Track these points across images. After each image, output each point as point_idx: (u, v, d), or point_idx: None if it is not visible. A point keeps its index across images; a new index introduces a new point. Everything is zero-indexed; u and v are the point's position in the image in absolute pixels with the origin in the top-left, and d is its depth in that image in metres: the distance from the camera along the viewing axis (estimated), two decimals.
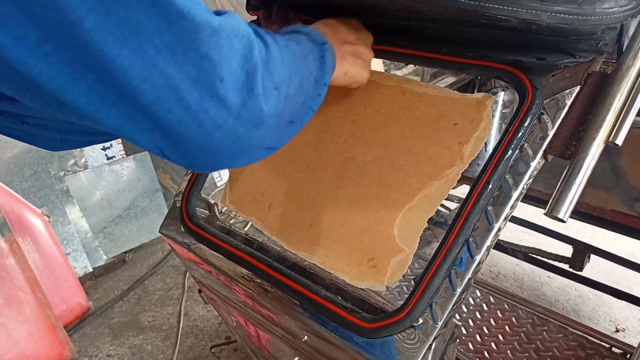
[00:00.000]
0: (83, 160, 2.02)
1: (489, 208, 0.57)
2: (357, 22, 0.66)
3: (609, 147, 0.56)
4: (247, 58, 0.39)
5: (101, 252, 2.04)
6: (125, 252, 2.12)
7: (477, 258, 0.56)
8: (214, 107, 0.37)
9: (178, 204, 0.79)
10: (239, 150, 0.41)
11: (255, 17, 0.84)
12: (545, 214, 0.55)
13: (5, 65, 0.32)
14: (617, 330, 1.50)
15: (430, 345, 0.55)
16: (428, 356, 0.56)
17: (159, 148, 0.38)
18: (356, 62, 0.62)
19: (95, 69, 0.32)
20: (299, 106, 0.49)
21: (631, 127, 0.54)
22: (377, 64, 1.69)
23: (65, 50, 0.31)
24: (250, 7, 0.82)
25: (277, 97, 0.42)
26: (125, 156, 2.10)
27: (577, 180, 0.55)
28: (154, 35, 0.33)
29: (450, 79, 0.93)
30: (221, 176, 2.17)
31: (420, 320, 0.55)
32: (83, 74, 0.32)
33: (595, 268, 1.44)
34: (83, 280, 1.94)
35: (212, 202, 0.81)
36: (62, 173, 1.96)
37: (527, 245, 1.47)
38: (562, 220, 0.55)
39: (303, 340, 0.68)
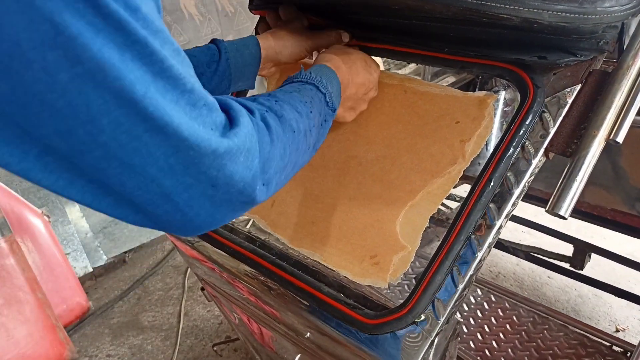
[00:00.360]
0: None
1: (491, 205, 0.57)
2: (374, 64, 0.67)
3: (610, 146, 0.56)
4: (247, 168, 0.39)
5: (101, 252, 2.04)
6: (125, 252, 2.12)
7: (479, 255, 0.56)
8: (204, 211, 0.37)
9: None
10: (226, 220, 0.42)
11: (257, 19, 0.85)
12: (546, 211, 0.56)
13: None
14: (617, 330, 1.51)
15: (433, 341, 0.55)
16: (430, 352, 0.56)
17: (140, 224, 0.39)
18: (350, 112, 0.65)
19: (95, 179, 0.34)
20: (299, 157, 0.49)
21: (631, 127, 0.55)
22: (379, 63, 1.69)
23: (66, 167, 0.33)
24: (252, 7, 0.83)
25: (276, 184, 0.44)
26: None
27: (579, 178, 0.55)
28: (159, 158, 0.33)
29: (451, 79, 0.93)
30: None
31: (423, 317, 0.56)
32: (78, 178, 0.34)
33: (595, 268, 1.44)
34: (83, 280, 1.93)
35: None
36: None
37: (527, 244, 1.48)
38: (563, 217, 0.55)
39: (306, 337, 0.68)
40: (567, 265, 1.40)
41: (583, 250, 1.34)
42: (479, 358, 1.05)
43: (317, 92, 0.53)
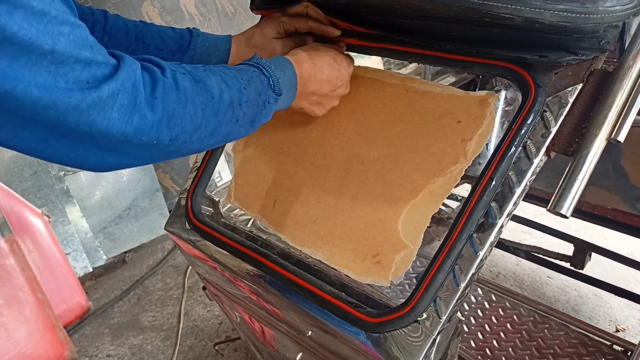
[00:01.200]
0: None
1: (492, 204, 0.57)
2: (345, 62, 0.68)
3: (610, 146, 0.57)
4: (127, 123, 0.41)
5: (101, 252, 2.03)
6: (125, 252, 2.12)
7: (481, 254, 0.57)
8: (97, 160, 0.42)
9: (183, 202, 0.79)
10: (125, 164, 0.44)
11: (257, 19, 0.85)
12: (548, 210, 0.56)
13: None
14: (617, 330, 1.51)
15: (434, 339, 0.56)
16: (432, 351, 0.56)
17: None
18: (317, 106, 0.66)
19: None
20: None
21: (632, 127, 0.55)
22: (378, 63, 1.70)
23: None
24: (254, 7, 0.83)
25: (187, 143, 0.46)
26: None
27: (580, 177, 0.55)
28: (28, 126, 0.36)
29: (452, 78, 0.93)
30: (221, 176, 2.17)
31: (424, 315, 0.56)
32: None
33: (595, 268, 1.44)
34: (83, 280, 1.93)
35: (217, 199, 0.81)
36: (62, 173, 1.96)
37: (528, 244, 1.48)
38: (564, 216, 0.56)
39: (307, 335, 0.68)
40: (567, 265, 1.40)
41: (583, 249, 1.34)
42: (479, 357, 1.05)
43: (259, 74, 0.56)
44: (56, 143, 0.39)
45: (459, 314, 0.59)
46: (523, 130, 0.58)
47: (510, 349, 1.08)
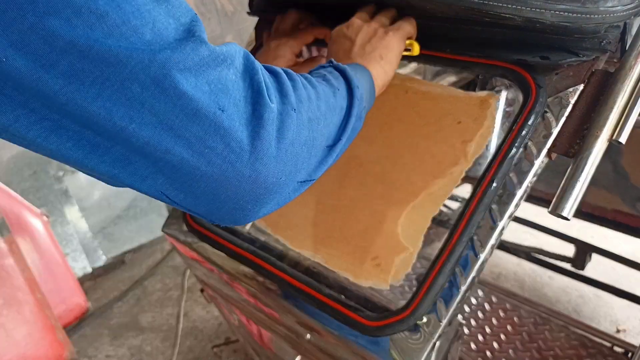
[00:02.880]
0: None
1: (493, 206, 0.57)
2: (358, 20, 0.61)
3: (611, 147, 0.56)
4: (249, 87, 0.35)
5: (100, 252, 2.03)
6: (125, 253, 2.12)
7: (481, 256, 0.56)
8: (221, 142, 0.33)
9: None
10: (263, 190, 0.35)
11: (256, 18, 0.84)
12: (549, 212, 0.55)
13: None
14: (618, 331, 1.51)
15: (434, 343, 0.55)
16: (432, 355, 0.56)
17: (167, 196, 0.34)
18: (374, 51, 0.57)
19: (76, 117, 0.30)
20: (333, 126, 0.45)
21: (633, 128, 0.54)
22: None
23: (40, 101, 0.29)
24: (251, 11, 0.82)
25: (298, 119, 0.38)
26: None
27: (581, 179, 0.55)
28: (137, 70, 0.29)
29: (452, 78, 0.93)
30: None
31: (425, 319, 0.55)
32: (63, 123, 0.30)
33: (596, 269, 1.44)
34: (82, 280, 1.93)
35: None
36: (61, 173, 1.96)
37: (529, 245, 1.48)
38: (566, 218, 0.55)
39: (306, 338, 0.68)
40: (568, 266, 1.40)
41: (584, 250, 1.34)
42: (480, 359, 1.05)
43: (314, 70, 0.51)
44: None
45: (459, 317, 0.59)
46: (524, 131, 0.58)
47: (510, 350, 1.07)
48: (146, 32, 0.30)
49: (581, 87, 0.57)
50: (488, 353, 1.07)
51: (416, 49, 0.62)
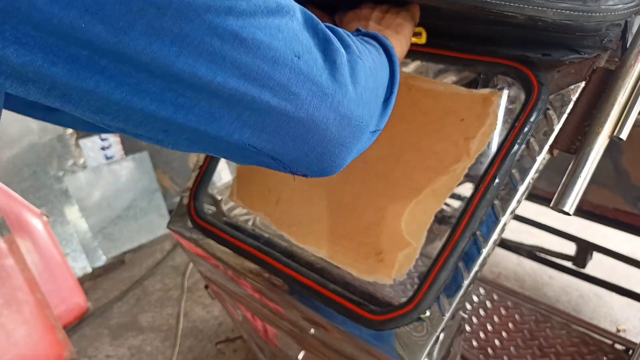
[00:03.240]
0: (82, 160, 2.01)
1: (496, 202, 0.57)
2: (367, 8, 0.62)
3: (612, 146, 0.57)
4: (315, 35, 0.36)
5: (100, 252, 2.03)
6: (125, 253, 2.11)
7: (484, 251, 0.57)
8: (304, 87, 0.34)
9: (185, 200, 0.79)
10: (348, 133, 0.37)
11: None
12: (551, 207, 0.56)
13: (67, 89, 0.29)
14: (618, 331, 1.51)
15: (438, 337, 0.56)
16: (435, 348, 0.56)
17: (255, 148, 0.34)
18: (386, 21, 0.59)
19: (160, 75, 0.30)
20: (386, 79, 0.46)
21: (634, 126, 0.55)
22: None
23: (122, 62, 0.29)
24: None
25: (364, 69, 0.39)
26: (124, 156, 2.10)
27: (583, 174, 0.55)
28: (215, 25, 0.30)
29: (454, 77, 0.94)
30: (220, 176, 2.17)
31: (428, 313, 0.56)
32: (147, 82, 0.30)
33: (596, 269, 1.45)
34: (82, 280, 1.92)
35: (219, 198, 0.81)
36: (61, 173, 1.96)
37: (530, 244, 1.48)
38: (567, 213, 0.56)
39: (310, 333, 0.68)
40: (569, 264, 1.41)
41: (585, 248, 1.34)
42: (482, 356, 1.05)
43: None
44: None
45: (461, 312, 0.59)
46: (526, 128, 0.58)
47: (512, 347, 1.08)
48: None
49: (582, 84, 0.58)
50: (490, 350, 1.07)
51: (424, 35, 0.64)
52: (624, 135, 0.55)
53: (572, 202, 0.55)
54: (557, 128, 0.58)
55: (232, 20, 0.31)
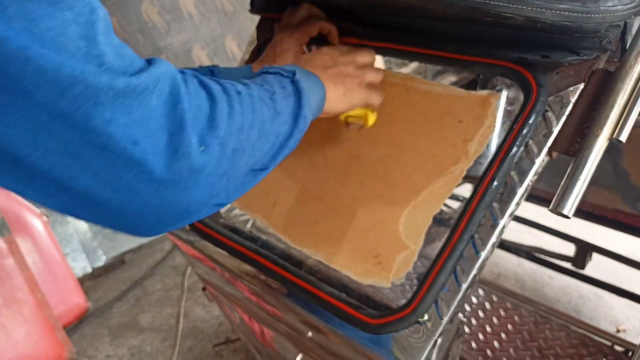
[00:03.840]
0: None
1: (494, 205, 0.57)
2: (335, 47, 0.63)
3: (611, 147, 0.56)
4: (170, 115, 0.34)
5: (100, 252, 2.03)
6: (124, 253, 2.12)
7: (483, 254, 0.56)
8: (129, 173, 0.32)
9: None
10: (169, 215, 0.36)
11: (258, 17, 0.85)
12: (550, 210, 0.56)
13: None
14: (618, 331, 1.51)
15: (436, 341, 0.55)
16: (433, 352, 0.56)
17: (73, 212, 0.34)
18: (345, 81, 0.58)
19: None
20: (264, 153, 0.44)
21: (633, 127, 0.55)
22: (379, 62, 1.69)
23: None
24: (254, 10, 0.82)
25: (220, 154, 0.37)
26: None
27: (582, 177, 0.55)
28: (45, 104, 0.28)
29: (453, 78, 0.93)
30: None
31: (426, 316, 0.55)
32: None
33: (596, 270, 1.44)
34: (82, 280, 1.93)
35: None
36: None
37: (529, 245, 1.48)
38: (566, 216, 0.55)
39: (307, 336, 0.68)
40: (568, 265, 1.40)
41: (584, 250, 1.34)
42: (481, 358, 1.05)
43: (268, 75, 0.50)
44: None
45: (460, 315, 0.59)
46: (525, 130, 0.58)
47: (511, 349, 1.08)
48: (50, 60, 0.28)
49: (582, 86, 0.57)
50: (489, 352, 1.07)
51: (371, 120, 0.65)
52: (623, 138, 0.55)
53: (571, 204, 0.55)
54: (556, 130, 0.57)
55: (65, 102, 0.29)
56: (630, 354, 1.06)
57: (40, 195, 0.33)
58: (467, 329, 1.11)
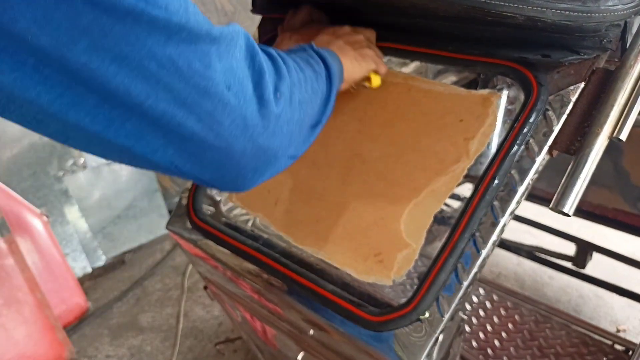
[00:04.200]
0: (82, 160, 2.01)
1: (495, 203, 0.57)
2: (348, 27, 0.66)
3: (612, 146, 0.57)
4: (251, 66, 0.38)
5: (100, 252, 2.03)
6: (125, 253, 2.11)
7: (483, 252, 0.57)
8: (228, 118, 0.36)
9: (184, 201, 0.79)
10: (262, 162, 0.40)
11: (259, 17, 0.85)
12: (550, 208, 0.56)
13: (6, 97, 0.30)
14: (618, 331, 1.51)
15: (437, 338, 0.56)
16: (434, 349, 0.56)
17: (175, 166, 0.37)
18: (354, 47, 0.62)
19: (97, 90, 0.31)
20: (317, 108, 0.49)
21: (634, 127, 0.55)
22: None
23: (63, 74, 0.30)
24: (255, 10, 0.83)
25: (291, 102, 0.42)
26: None
27: (582, 175, 0.55)
28: (154, 49, 0.31)
29: (453, 77, 0.93)
30: None
31: (427, 314, 0.56)
32: (84, 96, 0.31)
33: (596, 269, 1.45)
34: (82, 280, 1.92)
35: (218, 198, 0.81)
36: (61, 173, 1.96)
37: (530, 244, 1.48)
38: (567, 215, 0.56)
39: (309, 334, 0.68)
40: (569, 265, 1.41)
41: (585, 249, 1.35)
42: (481, 356, 1.05)
43: (295, 50, 0.54)
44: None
45: (461, 312, 0.59)
46: (526, 129, 0.58)
47: (512, 348, 1.08)
48: (161, 12, 0.31)
49: (582, 85, 0.58)
50: (489, 351, 1.07)
51: (375, 82, 0.68)
52: (623, 136, 0.55)
53: (571, 203, 0.55)
54: (556, 129, 0.58)
55: (171, 47, 0.32)
56: (630, 352, 1.06)
57: (148, 150, 0.35)
58: (467, 328, 1.12)
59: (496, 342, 1.09)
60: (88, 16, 0.29)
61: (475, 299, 1.20)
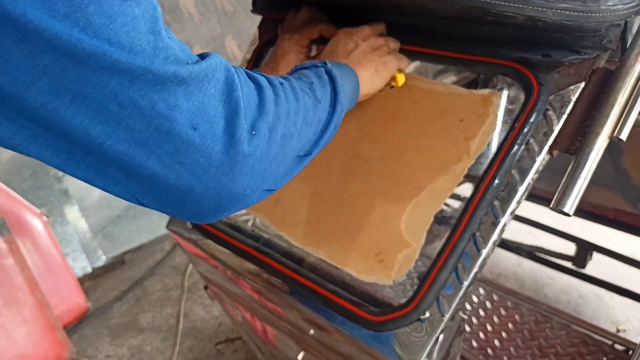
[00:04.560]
0: None
1: (495, 203, 0.57)
2: (348, 29, 0.65)
3: (612, 146, 0.57)
4: (226, 103, 0.36)
5: (100, 252, 2.03)
6: (125, 253, 2.11)
7: (484, 252, 0.57)
8: (190, 158, 0.35)
9: None
10: (227, 200, 0.38)
11: (259, 17, 0.85)
12: (550, 208, 0.56)
13: None
14: (618, 331, 1.51)
15: (437, 338, 0.56)
16: (434, 349, 0.56)
17: (136, 199, 0.36)
18: (373, 57, 0.61)
19: (55, 130, 0.31)
20: (308, 139, 0.47)
21: (634, 127, 0.55)
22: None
23: (20, 112, 0.30)
24: (255, 10, 0.83)
25: (269, 139, 0.39)
26: None
27: (583, 175, 0.55)
28: (116, 91, 0.31)
29: (453, 78, 0.93)
30: None
31: (428, 314, 0.56)
32: (43, 135, 0.31)
33: (596, 269, 1.45)
34: (82, 280, 1.92)
35: None
36: (61, 173, 1.96)
37: (530, 244, 1.48)
38: (567, 214, 0.56)
39: (309, 334, 0.68)
40: (569, 265, 1.41)
41: (585, 249, 1.34)
42: (481, 356, 1.05)
43: (302, 70, 0.53)
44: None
45: (461, 312, 0.59)
46: (526, 129, 0.58)
47: (512, 348, 1.08)
48: (123, 55, 0.31)
49: (582, 85, 0.58)
50: (490, 350, 1.07)
51: (400, 81, 0.67)
52: (623, 136, 0.55)
53: (572, 203, 0.55)
54: (556, 129, 0.58)
55: (134, 90, 0.31)
56: (630, 352, 1.06)
57: (108, 183, 0.35)
58: (468, 328, 1.12)
59: (496, 342, 1.09)
60: (48, 57, 0.28)
61: (475, 299, 1.20)
